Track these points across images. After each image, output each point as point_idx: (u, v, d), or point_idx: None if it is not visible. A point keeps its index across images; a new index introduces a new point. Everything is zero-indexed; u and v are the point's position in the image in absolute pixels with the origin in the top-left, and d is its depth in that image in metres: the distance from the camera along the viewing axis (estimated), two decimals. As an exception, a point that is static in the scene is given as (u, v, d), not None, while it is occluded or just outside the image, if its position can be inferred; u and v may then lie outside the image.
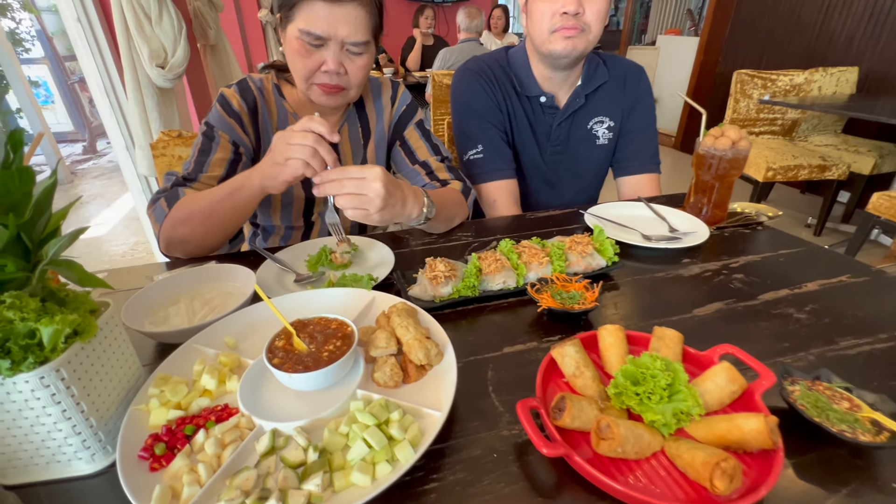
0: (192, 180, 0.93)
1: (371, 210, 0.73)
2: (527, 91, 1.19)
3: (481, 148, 1.19)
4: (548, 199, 1.32)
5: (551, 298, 0.69)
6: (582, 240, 0.83)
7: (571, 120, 1.22)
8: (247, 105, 0.98)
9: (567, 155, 1.26)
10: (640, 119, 1.25)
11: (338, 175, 0.71)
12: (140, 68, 1.56)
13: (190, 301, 0.74)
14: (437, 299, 0.72)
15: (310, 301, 0.70)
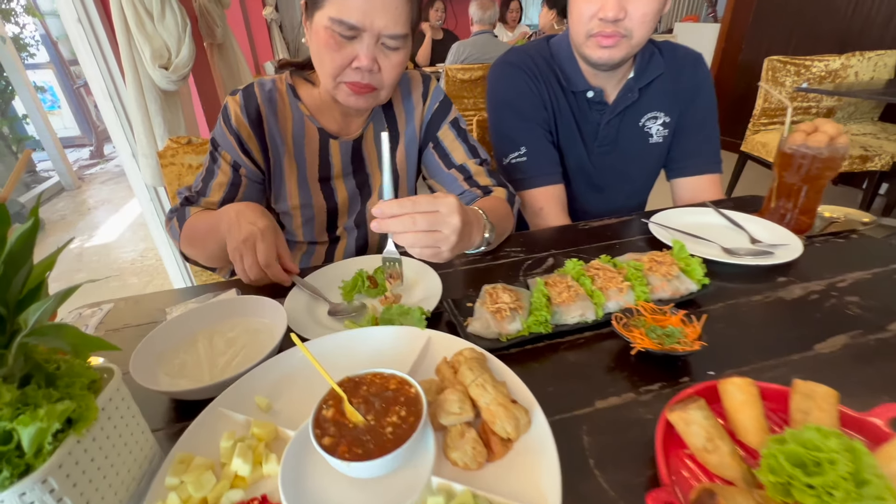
0: (194, 202, 0.90)
1: (444, 249, 0.61)
2: (573, 86, 1.06)
3: (525, 150, 1.07)
4: (595, 204, 1.19)
5: (645, 337, 0.57)
6: (663, 258, 0.71)
7: (622, 117, 1.09)
8: (248, 117, 0.87)
9: (616, 155, 1.13)
10: (699, 113, 1.11)
11: (405, 209, 0.58)
12: (142, 70, 1.45)
13: (209, 341, 0.63)
14: (503, 337, 0.60)
15: (354, 343, 0.58)
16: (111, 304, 0.78)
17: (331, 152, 0.94)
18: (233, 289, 0.76)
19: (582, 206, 1.19)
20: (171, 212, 0.92)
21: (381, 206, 0.58)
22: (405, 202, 0.58)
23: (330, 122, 0.93)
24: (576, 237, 0.94)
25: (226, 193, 0.89)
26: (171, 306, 0.74)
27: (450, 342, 0.57)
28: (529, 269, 0.82)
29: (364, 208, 1.01)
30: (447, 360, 0.53)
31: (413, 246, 0.60)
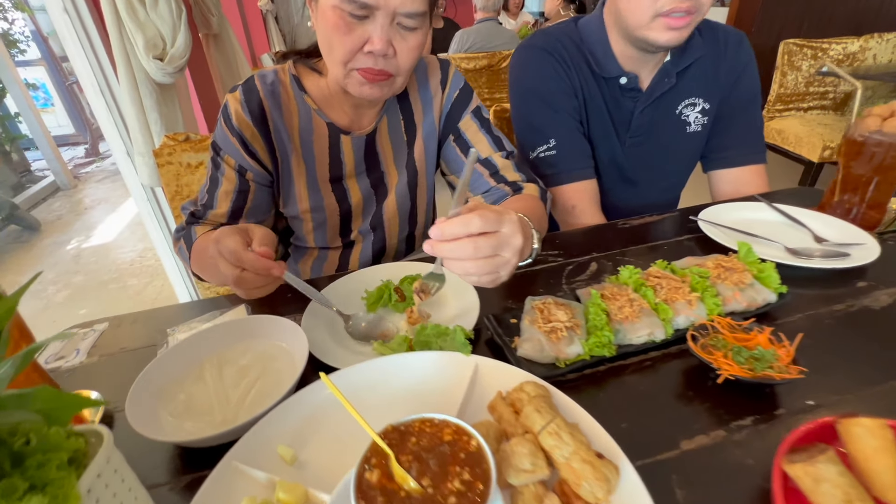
0: (200, 217, 0.81)
1: (503, 274, 0.52)
2: (605, 71, 0.96)
3: (554, 143, 0.98)
4: (627, 200, 1.10)
5: (732, 361, 0.48)
6: (733, 264, 0.62)
7: (657, 104, 0.99)
8: (251, 115, 0.78)
9: (649, 146, 1.04)
10: (742, 98, 1.02)
11: (469, 228, 0.47)
12: (135, 61, 1.35)
13: (218, 370, 0.54)
14: (560, 362, 0.52)
15: (388, 375, 0.50)
16: (105, 323, 0.69)
17: (342, 149, 0.85)
18: (242, 305, 0.68)
19: (613, 201, 1.10)
20: (178, 231, 0.83)
21: (441, 227, 0.47)
22: (470, 220, 0.46)
23: (340, 115, 0.83)
24: (616, 237, 0.86)
25: (234, 202, 0.80)
26: (173, 326, 0.65)
27: (501, 371, 0.49)
28: (572, 277, 0.73)
29: (380, 209, 0.92)
30: (503, 395, 0.45)
31: (472, 275, 0.50)
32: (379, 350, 0.56)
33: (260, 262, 0.57)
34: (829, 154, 2.72)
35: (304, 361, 0.51)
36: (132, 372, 0.52)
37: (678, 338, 0.55)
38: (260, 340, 0.58)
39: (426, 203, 0.98)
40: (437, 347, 0.54)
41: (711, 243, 0.79)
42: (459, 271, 0.50)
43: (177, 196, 1.09)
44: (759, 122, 1.05)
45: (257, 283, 0.59)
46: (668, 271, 0.64)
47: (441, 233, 0.47)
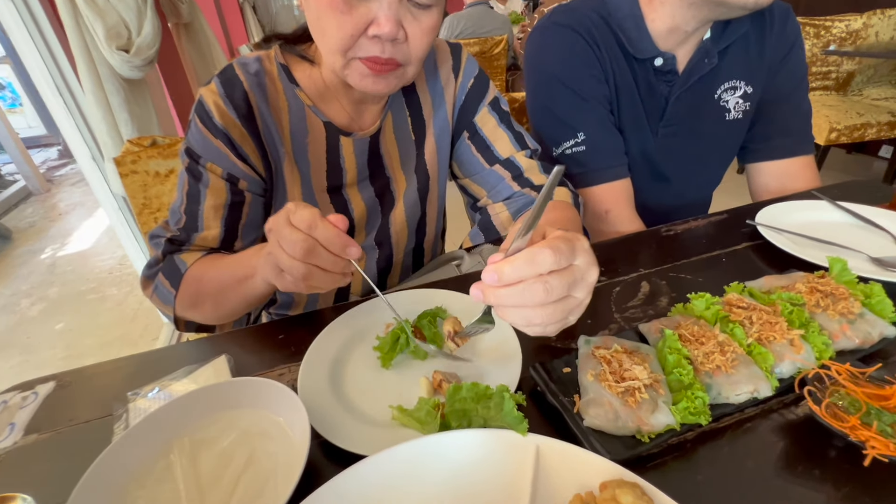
0: (184, 243, 0.65)
1: (573, 319, 0.39)
2: (638, 51, 0.83)
3: (583, 137, 0.85)
4: (659, 199, 0.98)
5: (876, 433, 0.37)
6: (833, 288, 0.50)
7: (694, 89, 0.87)
8: (236, 111, 0.63)
9: (684, 137, 0.91)
10: (790, 79, 0.90)
11: (527, 270, 0.34)
12: (97, 54, 1.18)
13: (191, 459, 0.41)
14: (643, 436, 0.40)
15: (419, 466, 0.37)
16: (52, 383, 0.55)
17: (342, 154, 0.71)
18: (223, 356, 0.54)
19: (643, 201, 0.97)
20: (150, 268, 0.66)
21: (500, 269, 0.34)
22: (539, 257, 0.34)
23: (338, 112, 0.70)
24: (662, 248, 0.74)
25: (226, 220, 0.65)
26: (137, 389, 0.52)
27: (571, 457, 0.36)
28: (623, 302, 0.61)
29: (387, 222, 0.79)
30: (583, 499, 0.33)
31: (538, 325, 0.37)
32: (400, 419, 0.44)
33: (336, 234, 0.45)
34: (835, 136, 2.63)
35: (306, 444, 0.38)
36: (81, 456, 0.39)
37: (780, 391, 0.44)
38: (245, 412, 0.45)
39: (437, 211, 0.85)
40: (478, 418, 0.42)
41: (775, 253, 0.67)
42: (521, 322, 0.37)
43: (145, 210, 0.95)
44: (808, 106, 0.93)
45: (328, 262, 0.46)
46: (746, 296, 0.52)
47: (500, 277, 0.34)
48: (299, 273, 0.45)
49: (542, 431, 0.39)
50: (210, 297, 0.61)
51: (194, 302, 0.63)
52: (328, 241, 0.45)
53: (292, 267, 0.45)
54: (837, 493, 0.37)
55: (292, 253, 0.45)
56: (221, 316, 0.64)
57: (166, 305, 0.65)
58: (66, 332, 2.41)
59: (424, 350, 0.53)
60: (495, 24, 3.31)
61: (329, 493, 0.35)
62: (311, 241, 0.44)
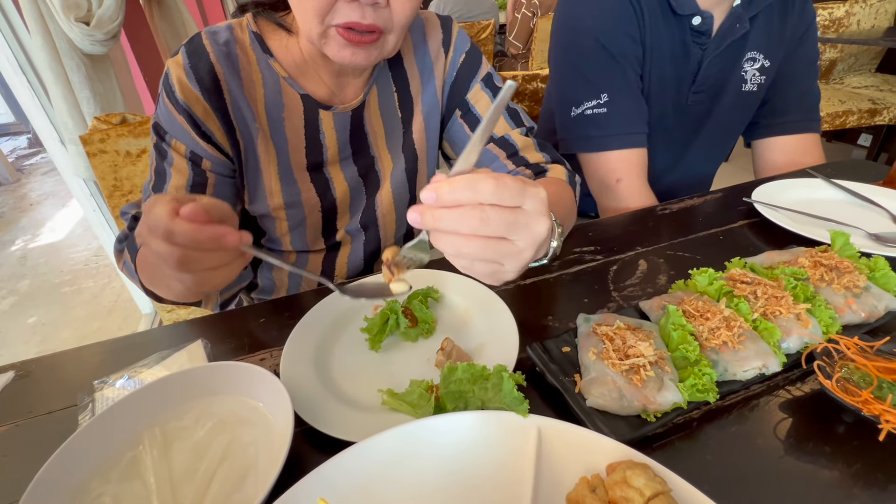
0: None
1: (509, 269, 0.36)
2: (680, 6, 0.80)
3: (606, 98, 0.81)
4: (665, 169, 0.95)
5: (893, 409, 0.35)
6: (837, 262, 0.49)
7: (725, 54, 0.84)
8: (200, 86, 0.58)
9: (705, 105, 0.89)
10: (804, 58, 0.89)
11: (466, 193, 0.31)
12: (53, 26, 1.09)
13: (163, 451, 0.38)
14: (649, 415, 0.38)
15: (413, 451, 0.34)
16: (9, 374, 0.51)
17: (322, 128, 0.67)
18: (198, 340, 0.51)
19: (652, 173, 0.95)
20: (120, 242, 0.63)
21: (438, 188, 0.32)
22: (480, 182, 0.31)
23: (317, 85, 0.65)
24: (658, 226, 0.72)
25: None
26: (105, 377, 0.48)
27: (574, 438, 0.34)
28: (621, 280, 0.59)
29: (372, 203, 0.75)
30: (590, 482, 0.30)
31: (465, 257, 0.34)
32: (391, 404, 0.41)
33: (199, 232, 0.38)
34: (818, 124, 2.66)
35: (289, 431, 0.35)
36: (41, 450, 0.35)
37: (788, 366, 0.42)
38: (223, 399, 0.42)
39: (426, 194, 0.81)
40: (475, 400, 0.39)
41: (772, 230, 0.66)
42: (450, 250, 0.34)
43: (116, 192, 0.89)
44: (817, 90, 0.93)
45: (208, 262, 0.40)
46: (748, 272, 0.51)
47: (437, 196, 0.32)
48: (190, 282, 0.41)
49: (542, 414, 0.36)
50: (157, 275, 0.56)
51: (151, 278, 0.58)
52: (195, 242, 0.38)
53: (180, 279, 0.40)
54: (849, 469, 0.35)
55: (171, 267, 0.39)
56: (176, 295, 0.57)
57: (133, 278, 0.62)
58: (40, 325, 2.32)
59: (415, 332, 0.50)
60: (484, 7, 3.25)
61: (314, 482, 0.32)
62: (179, 250, 0.38)
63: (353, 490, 0.32)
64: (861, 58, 3.25)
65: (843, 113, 2.66)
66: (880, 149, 2.89)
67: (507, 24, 3.36)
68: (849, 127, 2.70)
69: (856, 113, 2.67)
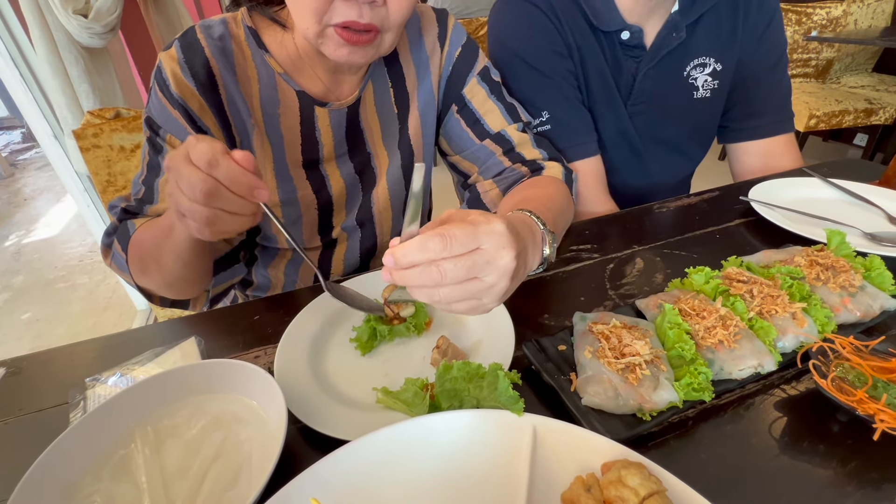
0: (137, 214, 0.62)
1: (487, 301, 0.37)
2: (603, 23, 0.79)
3: (547, 115, 0.81)
4: (639, 178, 0.94)
5: (885, 406, 0.35)
6: (833, 261, 0.49)
7: (663, 65, 0.83)
8: (195, 80, 0.58)
9: (652, 116, 0.88)
10: (769, 56, 0.86)
11: (428, 253, 0.34)
12: (52, 20, 1.08)
13: (155, 449, 0.38)
14: (644, 414, 0.38)
15: (407, 450, 0.34)
16: (0, 371, 0.50)
17: (317, 125, 0.66)
18: (191, 338, 0.50)
19: (623, 180, 0.94)
20: (108, 235, 0.63)
21: (394, 252, 0.35)
22: (429, 242, 0.33)
23: (312, 81, 0.65)
24: (655, 225, 0.72)
25: None
26: (97, 374, 0.47)
27: (569, 437, 0.34)
28: (617, 279, 0.59)
29: (368, 200, 0.75)
30: (584, 481, 0.30)
31: (443, 303, 0.36)
32: (386, 402, 0.41)
33: (241, 174, 0.40)
34: (814, 123, 2.67)
35: (282, 429, 0.35)
36: (31, 448, 0.35)
37: (783, 365, 0.42)
38: (216, 397, 0.41)
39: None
40: (470, 398, 0.39)
41: (769, 229, 0.66)
42: (426, 299, 0.36)
43: (109, 188, 0.89)
44: (787, 84, 0.90)
45: (232, 204, 0.41)
46: (743, 269, 0.51)
47: (395, 261, 0.34)
48: (202, 217, 0.40)
49: (537, 412, 0.36)
50: (151, 256, 0.57)
51: (143, 265, 0.59)
52: (232, 181, 0.40)
53: (193, 211, 0.40)
54: (844, 468, 0.35)
55: (192, 195, 0.39)
56: (169, 281, 0.59)
57: (123, 272, 0.62)
58: (34, 322, 2.30)
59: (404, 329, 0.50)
60: (482, 4, 3.24)
61: (308, 481, 0.32)
62: (212, 182, 0.39)
63: (347, 489, 0.32)
64: (858, 57, 3.25)
65: (839, 112, 2.67)
66: (876, 149, 2.90)
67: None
68: (845, 126, 2.71)
69: (852, 112, 2.68)
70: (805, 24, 2.99)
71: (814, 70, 3.16)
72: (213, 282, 0.67)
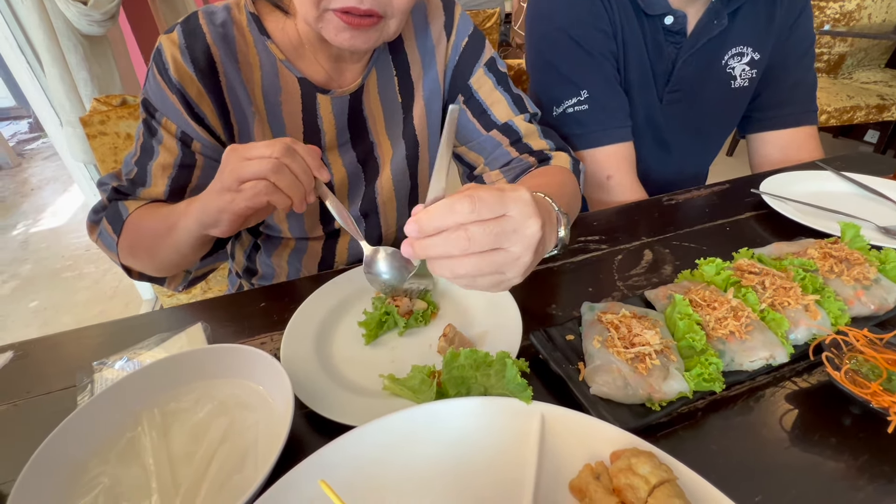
0: (128, 195, 0.62)
1: (511, 275, 0.35)
2: (650, 6, 0.79)
3: (587, 94, 0.80)
4: (660, 168, 0.94)
5: (901, 399, 0.34)
6: (847, 254, 0.48)
7: (702, 52, 0.83)
8: (195, 66, 0.58)
9: (687, 104, 0.88)
10: (798, 47, 0.87)
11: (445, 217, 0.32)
12: (51, 5, 1.07)
13: (162, 432, 0.38)
14: (654, 404, 0.37)
15: (414, 436, 0.34)
16: (7, 354, 0.51)
17: (319, 113, 0.65)
18: (198, 323, 0.50)
19: (644, 170, 0.94)
20: (96, 213, 0.63)
21: (418, 219, 0.33)
22: (457, 203, 0.32)
23: (314, 68, 0.64)
24: (665, 216, 0.71)
25: (173, 179, 0.61)
26: (105, 358, 0.47)
27: (578, 425, 0.34)
28: (626, 270, 0.58)
29: (372, 190, 0.74)
30: (594, 469, 0.30)
31: (463, 277, 0.34)
32: (392, 389, 0.41)
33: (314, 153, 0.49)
34: (825, 118, 2.63)
35: (289, 414, 0.35)
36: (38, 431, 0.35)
37: (795, 357, 0.42)
38: (223, 381, 0.41)
39: (428, 181, 0.80)
40: (477, 386, 0.38)
41: (780, 222, 0.65)
42: (447, 273, 0.34)
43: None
44: (813, 77, 0.90)
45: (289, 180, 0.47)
46: (756, 262, 0.50)
47: (420, 227, 0.33)
48: (268, 167, 0.45)
49: (545, 402, 0.36)
50: (144, 246, 0.59)
51: (133, 248, 0.60)
52: (305, 151, 0.48)
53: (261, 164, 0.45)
54: (855, 461, 0.35)
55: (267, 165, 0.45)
56: (158, 266, 0.61)
57: (110, 251, 0.63)
58: (41, 310, 2.32)
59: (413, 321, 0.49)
60: (488, -4, 3.21)
61: (315, 465, 0.32)
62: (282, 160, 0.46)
63: (354, 473, 0.32)
64: (871, 52, 3.20)
65: (850, 108, 2.63)
66: (887, 145, 2.86)
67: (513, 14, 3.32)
68: (856, 122, 2.67)
69: (863, 108, 2.64)
70: (818, 18, 2.94)
71: (825, 65, 3.11)
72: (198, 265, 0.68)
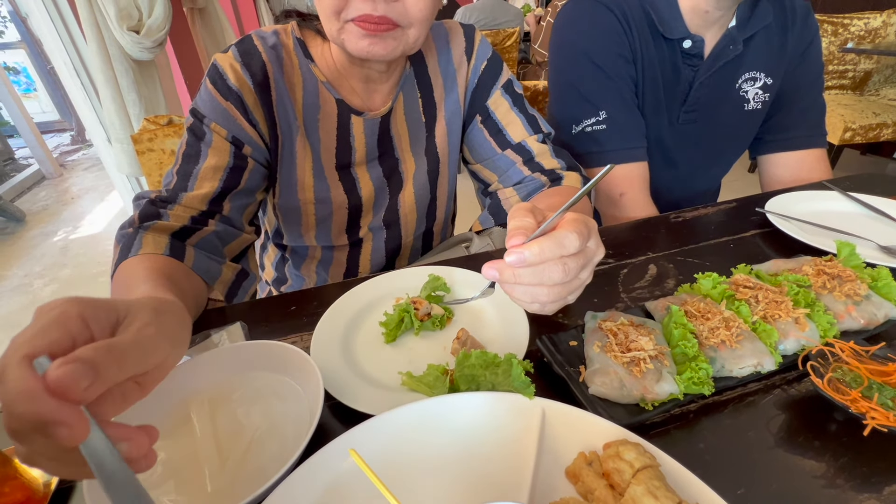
0: (170, 202, 0.61)
1: (573, 297, 0.41)
2: (669, 31, 0.83)
3: (605, 115, 0.85)
4: (668, 186, 0.98)
5: (877, 405, 0.37)
6: (840, 270, 0.51)
7: (718, 75, 0.87)
8: (252, 78, 0.63)
9: (701, 124, 0.91)
10: (808, 74, 0.91)
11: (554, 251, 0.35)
12: (108, 34, 1.19)
13: (210, 418, 0.43)
14: (646, 404, 0.41)
15: (428, 425, 0.38)
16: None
17: (352, 132, 0.72)
18: (237, 322, 0.56)
19: (654, 188, 0.97)
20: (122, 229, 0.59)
21: (524, 253, 0.35)
22: (566, 240, 0.35)
23: (350, 92, 0.70)
24: (670, 233, 0.74)
25: (224, 182, 0.63)
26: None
27: (575, 419, 0.38)
28: (629, 283, 0.62)
29: (395, 203, 0.80)
30: (587, 457, 0.34)
31: (545, 302, 0.38)
32: (410, 385, 0.45)
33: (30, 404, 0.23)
34: (850, 136, 2.60)
35: (319, 403, 0.40)
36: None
37: (784, 367, 0.44)
38: (261, 374, 0.47)
39: (447, 195, 0.86)
40: (486, 383, 0.43)
41: (785, 240, 0.67)
42: (527, 298, 0.38)
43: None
44: (822, 102, 0.93)
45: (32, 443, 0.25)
46: (753, 277, 0.53)
47: (524, 259, 0.35)
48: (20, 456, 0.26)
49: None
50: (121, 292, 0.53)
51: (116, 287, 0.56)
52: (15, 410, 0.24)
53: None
54: (835, 462, 0.37)
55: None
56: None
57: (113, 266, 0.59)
58: (78, 312, 2.45)
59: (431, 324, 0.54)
60: (508, 15, 3.30)
61: (339, 448, 0.36)
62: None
63: (377, 454, 0.36)
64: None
65: (877, 126, 2.59)
66: (916, 163, 2.80)
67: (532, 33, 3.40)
68: (883, 140, 2.63)
69: (891, 126, 2.60)
70: (841, 35, 2.92)
71: (850, 82, 3.08)
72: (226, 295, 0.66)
